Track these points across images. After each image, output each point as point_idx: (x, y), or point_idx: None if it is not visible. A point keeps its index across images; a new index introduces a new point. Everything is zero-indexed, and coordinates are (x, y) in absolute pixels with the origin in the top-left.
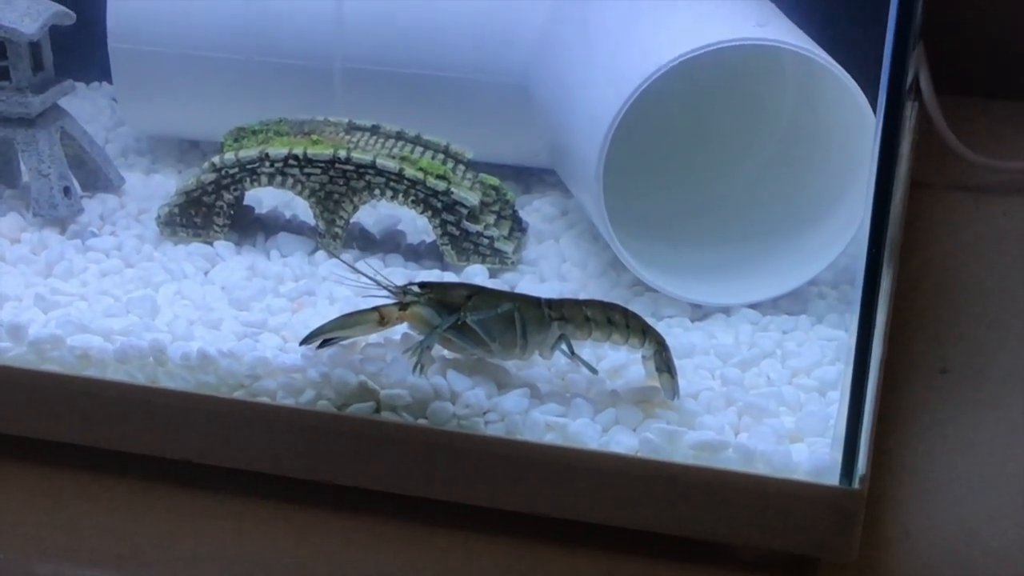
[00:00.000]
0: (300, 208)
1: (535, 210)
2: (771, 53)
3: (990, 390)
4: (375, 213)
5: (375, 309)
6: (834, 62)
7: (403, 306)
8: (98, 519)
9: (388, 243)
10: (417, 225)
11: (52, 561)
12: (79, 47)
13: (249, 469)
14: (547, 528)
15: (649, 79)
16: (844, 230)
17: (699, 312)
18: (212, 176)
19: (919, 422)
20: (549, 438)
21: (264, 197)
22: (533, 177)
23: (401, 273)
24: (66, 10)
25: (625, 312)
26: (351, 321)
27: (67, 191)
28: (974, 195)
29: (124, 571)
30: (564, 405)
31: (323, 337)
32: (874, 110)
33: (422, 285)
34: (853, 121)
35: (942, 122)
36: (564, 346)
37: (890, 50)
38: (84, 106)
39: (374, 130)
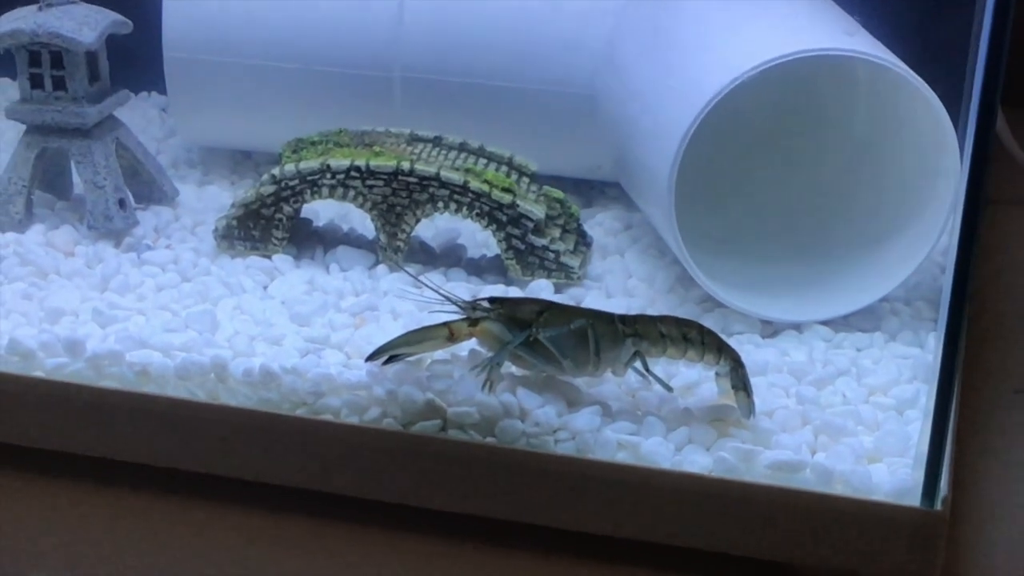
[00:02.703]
0: (357, 220)
1: (598, 224)
2: (846, 63)
3: None
4: (433, 227)
5: (444, 325)
6: (912, 72)
7: (473, 322)
8: (161, 539)
9: (449, 257)
10: (477, 239)
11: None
12: (127, 56)
13: (312, 488)
14: (619, 549)
15: (725, 90)
16: (919, 246)
17: (770, 329)
18: (272, 188)
19: (996, 442)
20: (621, 457)
21: (321, 210)
22: (594, 190)
23: (464, 288)
24: (124, 19)
25: (701, 329)
26: (419, 337)
27: (122, 203)
28: None
29: None
30: (636, 423)
31: (390, 353)
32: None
33: (492, 300)
34: (930, 134)
35: (1008, 134)
36: (639, 363)
37: (983, 67)
38: (133, 117)
39: (436, 141)
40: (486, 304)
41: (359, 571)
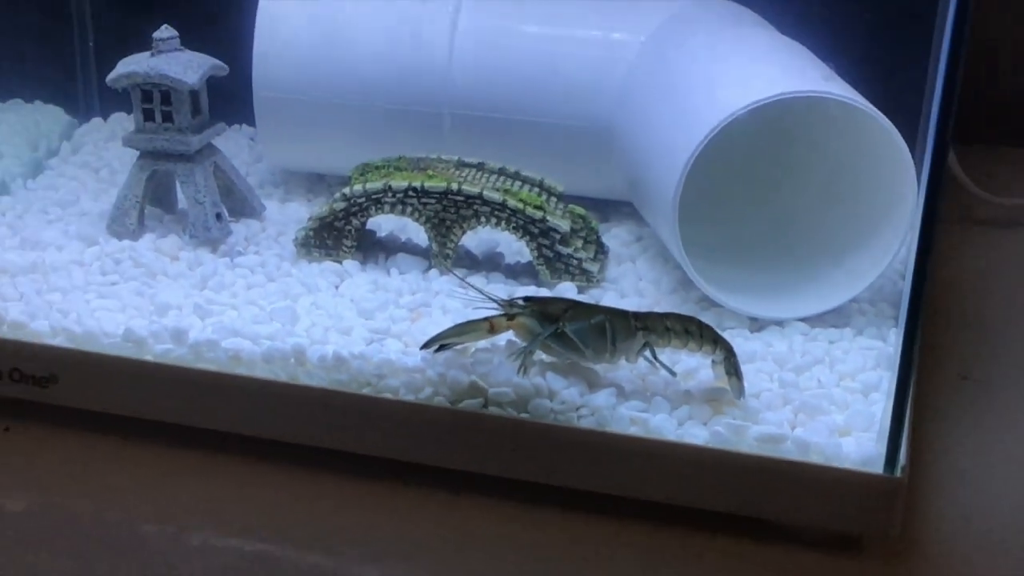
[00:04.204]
0: (413, 232)
1: (614, 236)
2: (823, 102)
3: (1003, 392)
4: (476, 238)
5: (486, 319)
6: (877, 111)
7: (510, 317)
8: (247, 497)
9: (489, 263)
10: (513, 248)
11: (201, 533)
12: (223, 94)
13: (375, 455)
14: (630, 506)
15: (720, 125)
16: (882, 256)
17: (756, 324)
18: (343, 205)
19: (947, 420)
20: (633, 430)
21: (383, 223)
22: (611, 208)
23: (502, 289)
24: (221, 63)
25: (699, 324)
26: (465, 329)
27: (219, 216)
28: (981, 226)
29: (271, 543)
30: (646, 402)
31: (440, 343)
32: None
33: (526, 299)
34: (892, 162)
35: (955, 162)
36: (648, 352)
37: (937, 107)
38: (228, 144)
39: (480, 167)
40: (521, 302)
41: (413, 524)
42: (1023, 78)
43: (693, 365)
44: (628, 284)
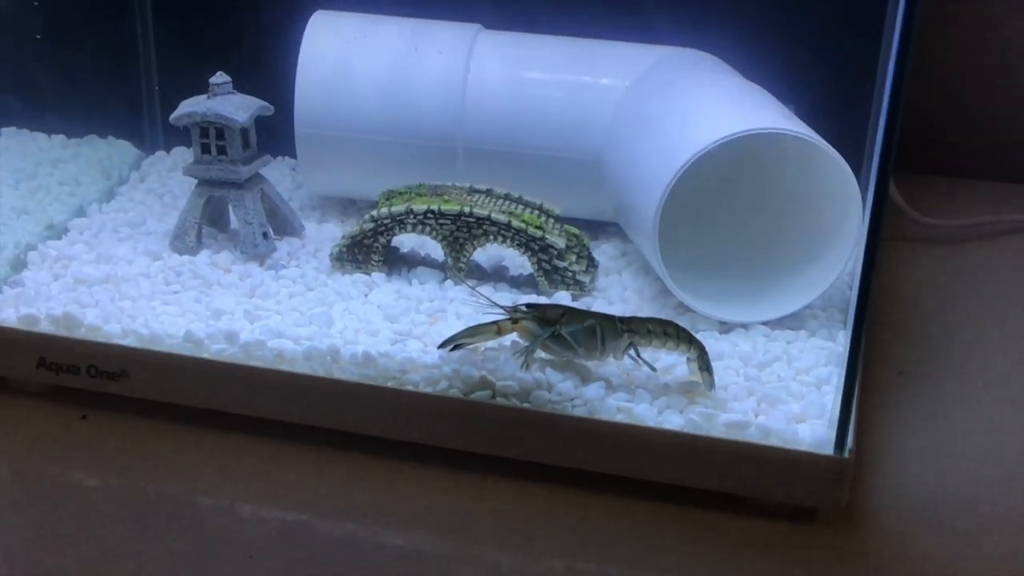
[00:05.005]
0: (431, 248)
1: (603, 252)
2: (783, 138)
3: (935, 385)
4: (485, 253)
5: (494, 323)
6: (829, 145)
7: (514, 321)
8: (285, 476)
9: (496, 275)
10: (516, 262)
11: (250, 505)
12: (269, 130)
13: (398, 439)
14: (616, 483)
15: (694, 158)
16: (833, 269)
17: (725, 327)
18: (371, 225)
19: (887, 409)
20: (619, 418)
21: (406, 240)
22: (600, 228)
23: (508, 297)
24: (268, 104)
25: (676, 326)
26: (476, 331)
27: (265, 235)
28: (917, 244)
29: (310, 514)
30: (630, 394)
31: (455, 343)
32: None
33: (528, 306)
34: (841, 189)
35: (895, 190)
36: (632, 351)
37: (880, 141)
38: (272, 173)
39: (488, 192)
40: (523, 308)
41: (431, 497)
42: (953, 118)
43: (671, 362)
44: (615, 293)
